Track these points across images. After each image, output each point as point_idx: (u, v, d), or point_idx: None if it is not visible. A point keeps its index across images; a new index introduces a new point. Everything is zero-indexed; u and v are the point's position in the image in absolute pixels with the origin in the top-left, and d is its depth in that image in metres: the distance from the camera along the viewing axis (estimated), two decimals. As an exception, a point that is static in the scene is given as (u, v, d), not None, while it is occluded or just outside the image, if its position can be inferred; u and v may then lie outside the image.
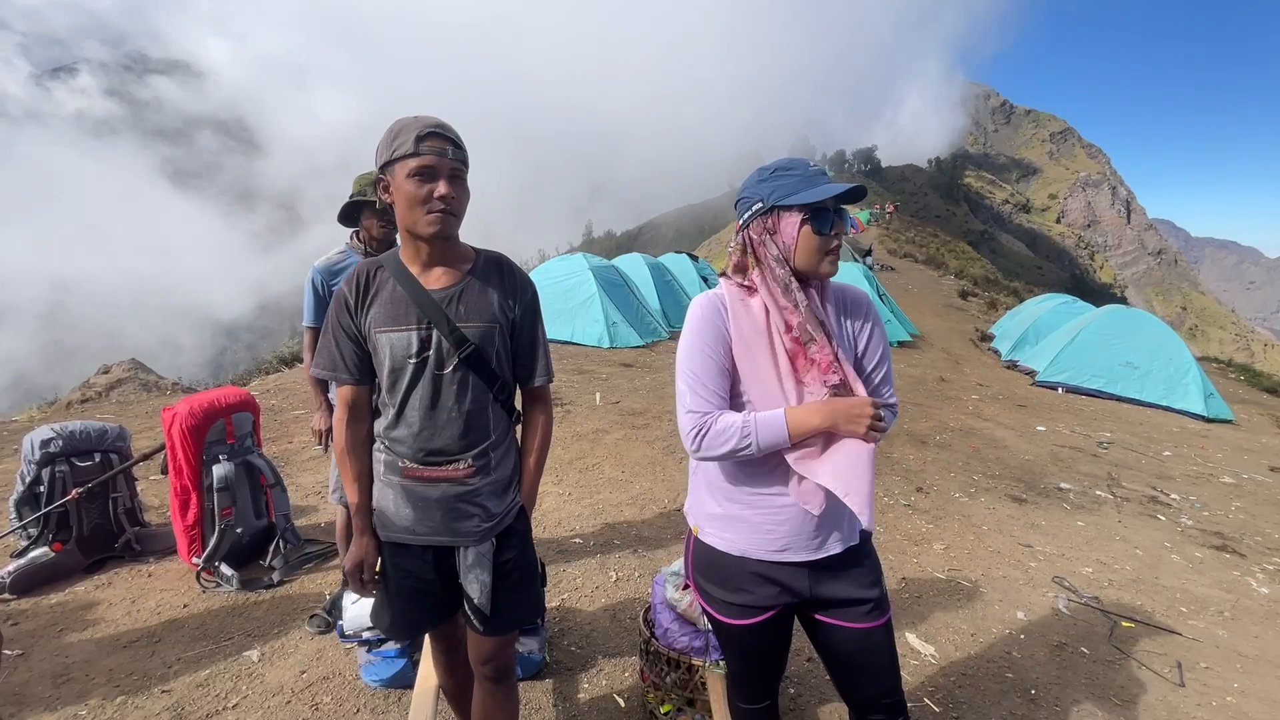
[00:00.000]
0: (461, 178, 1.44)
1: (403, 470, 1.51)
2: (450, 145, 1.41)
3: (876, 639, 1.44)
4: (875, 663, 1.46)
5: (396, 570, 1.58)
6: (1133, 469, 5.93)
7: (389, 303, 1.48)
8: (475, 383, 1.50)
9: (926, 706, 2.40)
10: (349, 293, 1.50)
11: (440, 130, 1.40)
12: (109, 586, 3.04)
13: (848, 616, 1.44)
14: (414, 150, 1.38)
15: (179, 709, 2.23)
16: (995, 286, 30.03)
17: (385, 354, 1.47)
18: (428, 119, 1.42)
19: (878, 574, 1.49)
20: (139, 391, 7.16)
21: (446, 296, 1.48)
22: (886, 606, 1.47)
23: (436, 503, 1.51)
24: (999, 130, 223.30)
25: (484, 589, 1.54)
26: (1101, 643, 2.93)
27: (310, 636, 2.66)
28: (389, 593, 1.61)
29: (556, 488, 4.43)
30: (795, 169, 1.37)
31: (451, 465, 1.50)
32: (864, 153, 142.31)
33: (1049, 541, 4.06)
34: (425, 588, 1.58)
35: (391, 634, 1.65)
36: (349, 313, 1.50)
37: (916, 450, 5.84)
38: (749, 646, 1.52)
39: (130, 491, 3.39)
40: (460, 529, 1.52)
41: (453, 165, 1.41)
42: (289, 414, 6.06)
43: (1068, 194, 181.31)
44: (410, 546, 1.56)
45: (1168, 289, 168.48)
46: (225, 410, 3.19)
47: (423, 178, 1.39)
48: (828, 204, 1.34)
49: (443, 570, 1.58)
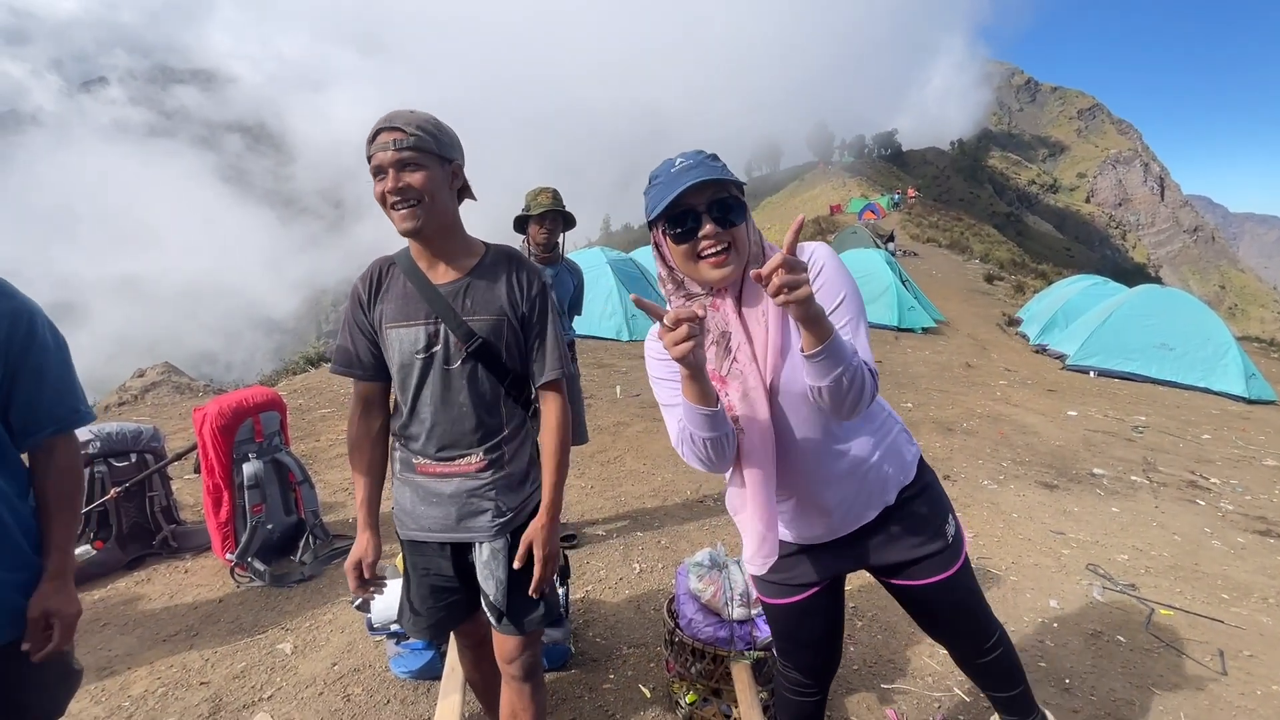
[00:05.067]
0: (416, 165, 1.36)
1: (417, 467, 1.52)
2: (395, 135, 1.35)
3: (949, 589, 1.42)
4: (956, 612, 1.47)
5: (416, 569, 1.59)
6: (1170, 453, 5.75)
7: (398, 299, 1.48)
8: (485, 376, 1.49)
9: (956, 696, 2.36)
10: (362, 290, 1.52)
11: (386, 124, 1.36)
12: (148, 582, 3.13)
13: (915, 574, 1.42)
14: (369, 153, 1.38)
15: (217, 700, 2.29)
16: (1022, 269, 29.31)
17: (395, 350, 1.48)
18: (384, 116, 1.39)
19: (938, 522, 1.43)
20: (172, 394, 7.36)
21: (453, 291, 1.48)
22: (955, 555, 1.43)
23: (450, 498, 1.51)
24: (1024, 109, 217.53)
25: (499, 586, 1.53)
26: (1139, 631, 2.86)
27: (341, 630, 2.71)
28: (411, 592, 1.62)
29: (579, 480, 4.45)
30: (659, 176, 1.24)
31: (464, 460, 1.50)
32: (884, 137, 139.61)
33: (1082, 528, 3.96)
34: (445, 585, 1.59)
35: (416, 633, 1.66)
36: (362, 309, 1.51)
37: (943, 438, 5.74)
38: (790, 626, 1.54)
39: (166, 490, 3.49)
40: (473, 525, 1.52)
41: (399, 156, 1.35)
42: (315, 413, 6.18)
43: (1097, 172, 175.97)
44: (428, 544, 1.56)
45: (1205, 267, 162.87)
46: (253, 410, 3.26)
47: (378, 175, 1.37)
48: (687, 204, 1.19)
49: (461, 567, 1.58)
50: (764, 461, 1.29)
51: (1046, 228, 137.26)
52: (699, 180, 1.16)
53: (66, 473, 1.33)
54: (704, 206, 1.19)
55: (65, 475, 1.32)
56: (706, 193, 1.19)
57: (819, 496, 1.37)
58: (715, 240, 1.20)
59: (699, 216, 1.19)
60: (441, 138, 1.41)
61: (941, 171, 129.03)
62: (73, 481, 1.35)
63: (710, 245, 1.20)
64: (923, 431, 5.87)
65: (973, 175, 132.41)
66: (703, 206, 1.19)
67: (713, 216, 1.19)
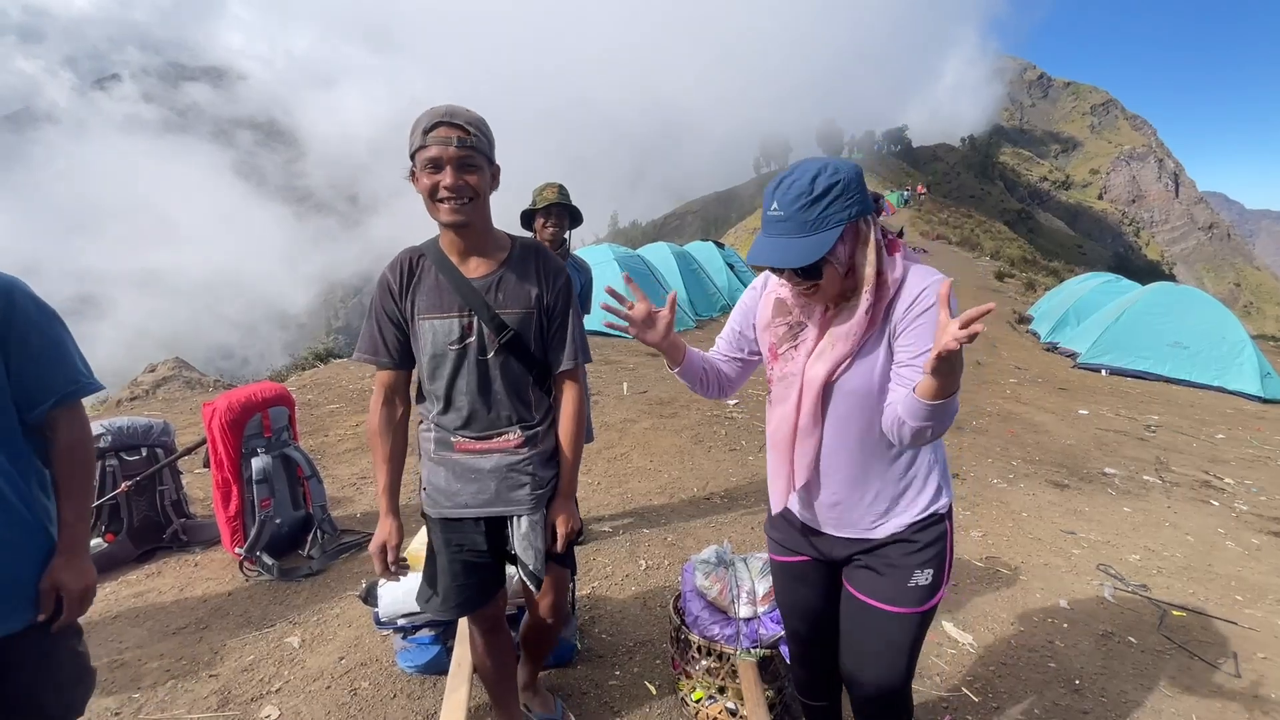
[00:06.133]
0: (473, 165, 1.41)
1: (455, 445, 1.58)
2: (458, 133, 1.38)
3: (882, 622, 1.38)
4: (871, 648, 1.41)
5: (449, 546, 1.65)
6: (1183, 453, 5.69)
7: (431, 290, 1.53)
8: (516, 366, 1.56)
9: (965, 696, 2.34)
10: (393, 279, 1.55)
11: (447, 119, 1.39)
12: (158, 575, 3.16)
13: (868, 590, 1.40)
14: (422, 143, 1.39)
15: (225, 692, 2.31)
16: (1033, 267, 29.08)
17: (427, 340, 1.52)
18: (440, 109, 1.41)
19: (915, 563, 1.37)
20: (182, 389, 7.43)
21: (486, 284, 1.53)
22: (918, 601, 1.37)
23: (490, 473, 1.58)
24: (1036, 105, 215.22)
25: (538, 555, 1.61)
26: (1150, 632, 2.83)
27: (348, 625, 2.73)
28: (439, 571, 1.66)
29: (586, 477, 4.45)
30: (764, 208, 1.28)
31: (502, 437, 1.58)
32: (894, 133, 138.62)
33: (1093, 528, 3.93)
34: (478, 560, 1.66)
35: (442, 611, 1.70)
36: (393, 298, 1.55)
37: (952, 435, 5.70)
38: (783, 585, 1.60)
39: (176, 484, 3.51)
40: (513, 498, 1.60)
41: (460, 154, 1.39)
42: (324, 408, 6.21)
43: (1110, 168, 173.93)
44: (462, 521, 1.62)
45: (1220, 265, 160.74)
46: (261, 405, 3.27)
47: (432, 169, 1.40)
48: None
49: (494, 542, 1.66)
50: (782, 438, 1.40)
51: (1058, 224, 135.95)
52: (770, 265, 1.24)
53: (71, 448, 1.32)
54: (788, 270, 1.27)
55: (71, 451, 1.31)
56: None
57: (826, 488, 1.41)
58: (802, 289, 1.29)
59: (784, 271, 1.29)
60: (491, 139, 1.48)
61: (952, 168, 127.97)
62: (79, 456, 1.33)
63: (796, 292, 1.33)
64: (931, 430, 5.83)
65: (983, 172, 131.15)
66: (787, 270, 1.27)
67: (796, 276, 1.27)
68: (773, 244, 1.23)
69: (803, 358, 1.35)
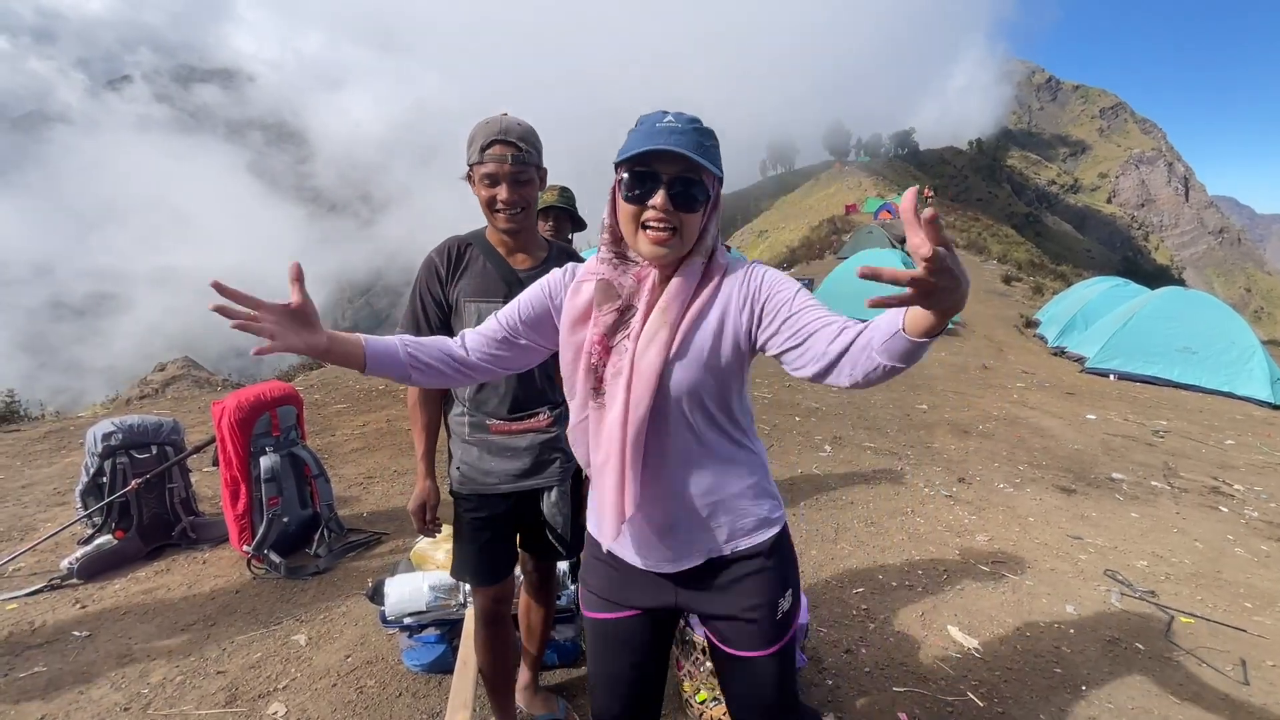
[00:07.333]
0: (525, 180, 1.59)
1: (491, 428, 1.73)
2: (512, 150, 1.55)
3: (752, 670, 1.25)
4: (752, 698, 1.27)
5: (479, 520, 1.78)
6: (1191, 458, 5.64)
7: (479, 276, 1.68)
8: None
9: (969, 701, 2.34)
10: (440, 262, 1.69)
11: (502, 137, 1.55)
12: (167, 573, 3.18)
13: (728, 638, 1.25)
14: (479, 159, 1.56)
15: (233, 689, 2.33)
16: (1041, 270, 28.85)
17: (473, 322, 1.64)
18: (494, 126, 1.56)
19: (773, 593, 1.23)
20: (192, 387, 7.49)
21: (530, 275, 1.67)
22: (788, 626, 1.25)
23: (525, 451, 1.74)
24: (1045, 108, 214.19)
25: (566, 520, 1.83)
26: (1158, 639, 2.81)
27: (354, 623, 2.74)
28: (469, 543, 1.80)
29: (590, 478, 4.45)
30: (643, 124, 1.12)
31: (534, 418, 1.74)
32: (901, 136, 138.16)
33: (1100, 534, 3.90)
34: (506, 534, 1.82)
35: (474, 581, 1.84)
36: (439, 280, 1.69)
37: (958, 440, 5.68)
38: (595, 647, 1.35)
39: (185, 482, 3.54)
40: (545, 472, 1.77)
41: (514, 170, 1.56)
42: (331, 408, 6.25)
43: (1119, 172, 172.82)
44: (493, 497, 1.76)
45: (1230, 269, 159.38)
46: (270, 404, 3.30)
47: (489, 183, 1.58)
48: (652, 167, 1.08)
49: (522, 514, 1.82)
50: (612, 450, 1.16)
51: (1066, 228, 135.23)
52: (673, 150, 1.05)
53: None
54: (667, 178, 1.08)
55: None
56: (677, 165, 1.08)
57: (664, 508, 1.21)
58: (663, 218, 1.09)
59: (658, 186, 1.08)
60: (539, 147, 1.63)
61: (959, 171, 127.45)
62: None
63: (657, 219, 1.10)
64: (938, 433, 5.82)
65: (991, 175, 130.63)
66: (666, 177, 1.08)
67: (671, 192, 1.08)
68: (670, 138, 1.07)
69: (633, 344, 1.15)
